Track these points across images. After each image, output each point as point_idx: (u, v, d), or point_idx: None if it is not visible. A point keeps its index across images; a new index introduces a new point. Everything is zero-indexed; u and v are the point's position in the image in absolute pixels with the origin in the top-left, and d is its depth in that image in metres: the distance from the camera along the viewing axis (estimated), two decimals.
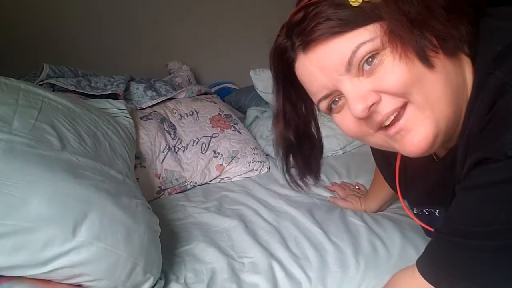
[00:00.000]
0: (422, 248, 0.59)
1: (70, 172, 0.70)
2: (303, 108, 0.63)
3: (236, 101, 1.88)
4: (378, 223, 0.97)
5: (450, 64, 0.50)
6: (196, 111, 1.42)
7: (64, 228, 0.64)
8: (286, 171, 0.70)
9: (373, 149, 0.86)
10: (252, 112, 1.65)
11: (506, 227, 0.45)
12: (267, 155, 1.41)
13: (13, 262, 0.61)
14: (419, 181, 0.70)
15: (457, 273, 0.52)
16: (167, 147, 1.26)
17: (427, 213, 0.70)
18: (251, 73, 1.65)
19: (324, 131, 0.70)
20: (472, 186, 0.49)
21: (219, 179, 1.31)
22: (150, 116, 1.33)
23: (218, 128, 1.38)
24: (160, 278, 0.80)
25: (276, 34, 0.57)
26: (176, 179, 1.24)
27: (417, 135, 0.51)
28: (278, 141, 0.66)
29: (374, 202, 1.05)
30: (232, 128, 1.41)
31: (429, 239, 0.59)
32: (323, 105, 0.57)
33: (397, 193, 0.78)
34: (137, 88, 1.47)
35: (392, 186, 0.83)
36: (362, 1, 0.48)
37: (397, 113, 0.51)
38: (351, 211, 1.03)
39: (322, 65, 0.52)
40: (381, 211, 1.06)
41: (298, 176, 0.71)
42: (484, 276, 0.50)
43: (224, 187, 1.26)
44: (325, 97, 0.55)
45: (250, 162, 1.32)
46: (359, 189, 1.17)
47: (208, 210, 1.09)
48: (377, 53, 0.49)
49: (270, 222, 1.01)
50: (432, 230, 0.59)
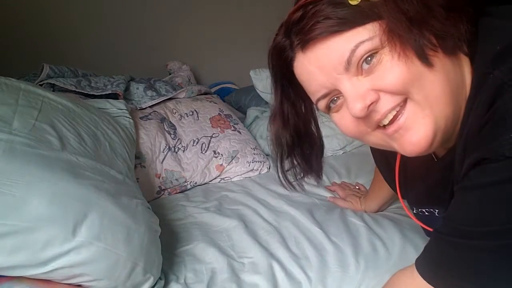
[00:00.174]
0: (422, 248, 0.59)
1: (70, 172, 0.70)
2: (302, 107, 0.63)
3: (236, 101, 1.88)
4: (378, 223, 0.97)
5: (449, 63, 0.50)
6: (196, 111, 1.42)
7: (64, 228, 0.64)
8: (281, 170, 0.70)
9: (373, 149, 0.85)
10: (252, 112, 1.65)
11: (505, 227, 0.45)
12: (267, 155, 1.41)
13: (13, 262, 0.61)
14: (419, 181, 0.70)
15: (456, 273, 0.52)
16: (167, 147, 1.26)
17: (427, 213, 0.70)
18: (251, 73, 1.65)
19: (324, 131, 0.70)
20: (471, 187, 0.49)
21: (219, 179, 1.31)
22: (150, 116, 1.33)
23: (218, 128, 1.38)
24: (160, 278, 0.80)
25: (275, 33, 0.57)
26: (176, 179, 1.24)
27: (416, 134, 0.51)
28: (274, 140, 0.66)
29: (374, 202, 1.05)
30: (232, 128, 1.41)
31: (429, 239, 0.59)
32: (322, 104, 0.56)
33: (397, 193, 0.77)
34: (137, 88, 1.47)
35: (392, 186, 0.83)
36: (361, 0, 0.48)
37: (396, 112, 0.51)
38: (351, 211, 1.03)
39: (321, 64, 0.52)
40: (381, 211, 1.06)
41: (299, 176, 0.71)
42: (483, 276, 0.50)
43: (224, 187, 1.26)
44: (324, 96, 0.55)
45: (250, 162, 1.32)
46: (359, 189, 1.17)
47: (208, 210, 1.09)
48: (376, 52, 0.49)
49: (270, 222, 1.01)
50: (432, 230, 0.59)
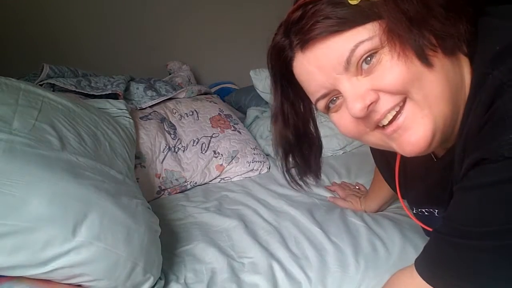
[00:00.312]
0: (422, 248, 0.59)
1: (70, 172, 0.70)
2: (301, 107, 0.63)
3: (236, 101, 1.88)
4: (378, 223, 0.97)
5: (449, 63, 0.50)
6: (196, 111, 1.42)
7: (64, 228, 0.64)
8: (286, 171, 0.70)
9: (373, 149, 0.85)
10: (252, 112, 1.65)
11: (504, 228, 0.45)
12: (267, 155, 1.41)
13: (13, 262, 0.61)
14: (419, 181, 0.70)
15: (455, 273, 0.52)
16: (167, 147, 1.26)
17: (427, 213, 0.70)
18: (251, 73, 1.65)
19: (324, 131, 0.70)
20: (470, 187, 0.49)
21: (219, 179, 1.31)
22: (150, 116, 1.33)
23: (218, 128, 1.38)
24: (160, 278, 0.80)
25: (274, 33, 0.57)
26: (176, 179, 1.24)
27: (415, 134, 0.51)
28: (278, 140, 0.65)
29: (374, 202, 1.05)
30: (232, 128, 1.41)
31: (429, 239, 0.59)
32: (321, 105, 0.56)
33: (397, 193, 0.77)
34: (137, 88, 1.47)
35: (392, 186, 0.83)
36: (361, 0, 0.48)
37: (396, 113, 0.51)
38: (351, 211, 1.03)
39: (320, 64, 0.52)
40: (381, 211, 1.06)
41: (298, 176, 0.71)
42: (482, 276, 0.50)
43: (224, 187, 1.26)
44: (323, 97, 0.55)
45: (250, 162, 1.32)
46: (359, 189, 1.17)
47: (208, 210, 1.09)
48: (376, 52, 0.49)
49: (270, 222, 1.01)
50: (431, 230, 0.59)
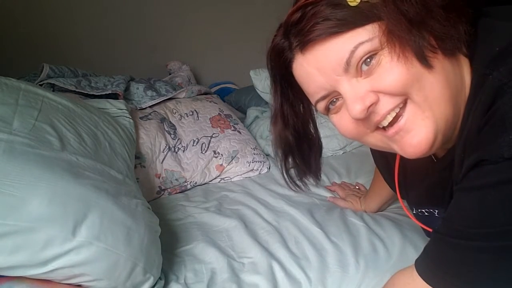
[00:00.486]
0: (422, 249, 0.59)
1: (70, 172, 0.70)
2: (301, 108, 0.63)
3: (236, 101, 1.88)
4: (378, 223, 0.97)
5: (449, 65, 0.50)
6: (196, 111, 1.42)
7: (64, 228, 0.64)
8: (285, 172, 0.70)
9: (372, 150, 0.85)
10: (252, 112, 1.65)
11: (504, 229, 0.45)
12: (267, 155, 1.41)
13: (13, 262, 0.61)
14: (419, 182, 0.70)
15: (455, 274, 0.52)
16: (167, 147, 1.26)
17: (427, 214, 0.70)
18: (251, 73, 1.65)
19: (324, 131, 0.70)
20: (470, 188, 0.49)
21: (219, 179, 1.32)
22: (150, 116, 1.33)
23: (218, 128, 1.38)
24: (160, 278, 0.80)
25: (273, 34, 0.57)
26: (176, 179, 1.24)
27: (417, 136, 0.51)
28: (277, 141, 0.65)
29: (374, 202, 1.05)
30: (232, 128, 1.41)
31: (429, 240, 0.59)
32: (321, 106, 0.56)
33: (397, 194, 0.77)
34: (137, 88, 1.47)
35: (392, 187, 0.83)
36: (360, 1, 0.48)
37: (396, 114, 0.51)
38: (351, 211, 1.03)
39: (320, 66, 0.52)
40: (381, 211, 1.06)
41: (298, 176, 0.71)
42: (482, 277, 0.50)
43: (224, 187, 1.26)
44: (323, 98, 0.55)
45: (250, 162, 1.32)
46: (359, 189, 1.17)
47: (208, 210, 1.09)
48: (375, 53, 0.49)
49: (270, 222, 1.01)
50: (431, 231, 0.59)
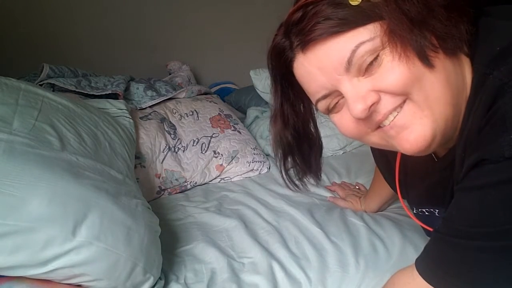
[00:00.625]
0: (422, 248, 0.59)
1: (70, 172, 0.70)
2: (301, 108, 0.63)
3: (236, 101, 1.88)
4: (378, 223, 0.97)
5: (450, 64, 0.50)
6: (196, 111, 1.42)
7: (64, 228, 0.64)
8: (285, 171, 0.70)
9: (373, 149, 0.85)
10: (252, 112, 1.65)
11: (504, 228, 0.45)
12: (267, 155, 1.41)
13: (13, 262, 0.61)
14: (419, 181, 0.70)
15: (456, 273, 0.52)
16: (167, 147, 1.26)
17: (427, 213, 0.70)
18: (251, 73, 1.65)
19: (324, 131, 0.70)
20: (470, 187, 0.49)
21: (219, 179, 1.31)
22: (150, 116, 1.33)
23: (218, 128, 1.38)
24: (160, 278, 0.80)
25: (274, 34, 0.57)
26: (176, 179, 1.24)
27: (413, 133, 0.50)
28: (277, 141, 0.65)
29: (374, 202, 1.05)
30: (232, 128, 1.41)
31: (429, 239, 0.59)
32: (322, 105, 0.56)
33: (397, 193, 0.77)
34: (137, 88, 1.47)
35: (392, 186, 0.83)
36: (362, 0, 0.48)
37: (397, 114, 0.51)
38: (351, 211, 1.03)
39: (321, 65, 0.52)
40: (381, 211, 1.06)
41: (299, 176, 0.71)
42: (483, 277, 0.50)
43: (224, 187, 1.26)
44: (324, 97, 0.55)
45: (250, 162, 1.32)
46: (359, 189, 1.17)
47: (208, 210, 1.09)
48: (377, 53, 0.48)
49: (270, 222, 1.01)
50: (432, 230, 0.59)
